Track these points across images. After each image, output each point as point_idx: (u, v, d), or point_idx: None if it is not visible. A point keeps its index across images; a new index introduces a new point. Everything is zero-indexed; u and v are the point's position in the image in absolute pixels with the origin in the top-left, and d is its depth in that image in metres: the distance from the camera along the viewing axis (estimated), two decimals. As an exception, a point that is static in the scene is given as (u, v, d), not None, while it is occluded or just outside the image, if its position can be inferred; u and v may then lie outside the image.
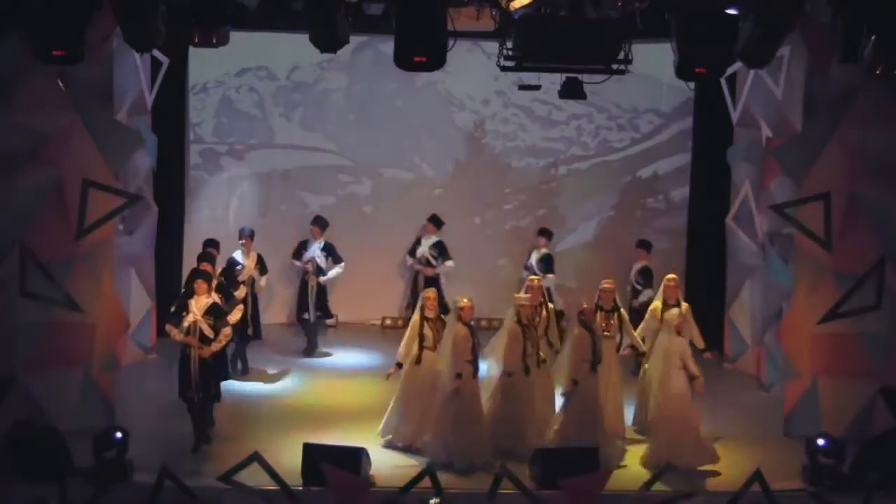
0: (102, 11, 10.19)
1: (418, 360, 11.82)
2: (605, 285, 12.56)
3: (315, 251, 15.18)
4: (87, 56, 10.18)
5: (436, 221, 15.92)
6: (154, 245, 14.80)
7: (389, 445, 11.86)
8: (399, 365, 11.94)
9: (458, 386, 11.40)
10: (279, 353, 15.24)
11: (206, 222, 16.42)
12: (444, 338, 11.69)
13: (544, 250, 15.60)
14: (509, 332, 11.82)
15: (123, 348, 13.18)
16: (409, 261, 16.02)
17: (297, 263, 15.28)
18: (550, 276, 15.23)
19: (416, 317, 11.97)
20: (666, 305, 12.34)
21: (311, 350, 15.26)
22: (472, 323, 11.72)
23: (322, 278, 15.13)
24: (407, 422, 11.87)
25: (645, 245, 15.24)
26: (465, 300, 11.73)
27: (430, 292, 12.09)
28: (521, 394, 11.77)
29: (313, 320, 15.20)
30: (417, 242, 15.96)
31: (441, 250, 15.78)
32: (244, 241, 14.36)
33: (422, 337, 11.82)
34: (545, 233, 15.77)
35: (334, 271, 15.21)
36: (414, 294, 15.59)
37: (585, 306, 11.85)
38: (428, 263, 15.76)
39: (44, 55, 10.05)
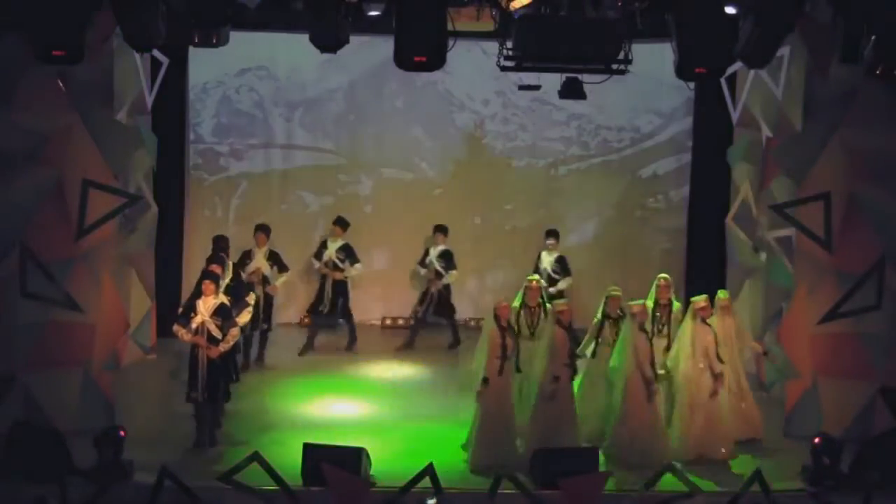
0: (102, 11, 10.19)
1: (501, 371, 11.44)
2: (614, 293, 12.43)
3: (260, 260, 14.68)
4: (87, 56, 10.18)
5: (342, 223, 15.48)
6: (154, 245, 14.78)
7: (486, 470, 11.15)
8: (486, 381, 11.40)
9: (556, 389, 11.37)
10: (279, 353, 15.26)
11: (206, 222, 16.43)
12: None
13: (442, 246, 15.51)
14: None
15: (123, 348, 13.18)
16: (316, 264, 15.52)
17: (243, 274, 14.39)
18: (453, 272, 15.38)
19: (491, 328, 11.50)
20: (658, 305, 12.39)
21: (248, 364, 14.59)
22: (572, 325, 11.60)
23: (268, 287, 14.65)
24: (502, 437, 11.49)
25: (555, 234, 15.60)
26: (563, 303, 11.68)
27: (505, 301, 11.77)
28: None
29: (259, 332, 14.69)
30: (324, 246, 15.45)
31: (348, 253, 15.34)
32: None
33: (504, 347, 11.43)
34: (442, 229, 15.60)
35: (281, 280, 14.81)
36: (320, 298, 15.39)
37: (704, 304, 11.83)
38: (335, 267, 15.29)
39: (44, 55, 10.05)
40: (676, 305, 12.51)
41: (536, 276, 12.68)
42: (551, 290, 14.88)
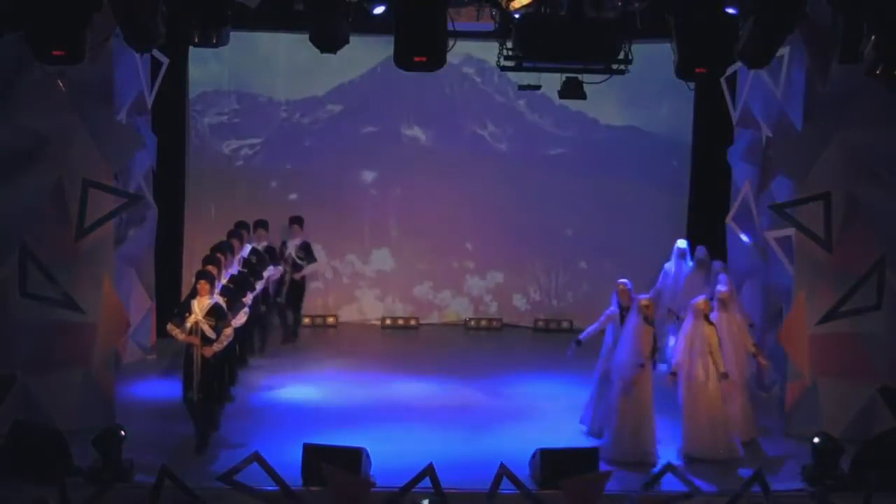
0: (102, 11, 10.18)
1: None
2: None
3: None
4: (87, 56, 10.17)
5: (246, 227, 15.20)
6: (154, 245, 14.79)
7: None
8: (674, 374, 11.74)
9: (636, 381, 11.52)
10: (279, 353, 15.27)
11: (205, 222, 16.44)
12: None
13: (265, 242, 15.34)
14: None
15: (123, 348, 13.19)
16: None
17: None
18: (313, 264, 15.60)
19: (702, 327, 11.69)
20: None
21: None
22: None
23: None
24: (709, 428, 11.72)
25: (298, 221, 15.81)
26: (647, 300, 11.76)
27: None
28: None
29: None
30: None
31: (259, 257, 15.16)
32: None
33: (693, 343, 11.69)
34: (262, 224, 15.41)
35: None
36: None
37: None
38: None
39: (44, 55, 10.03)
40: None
41: (625, 280, 12.47)
42: (295, 276, 15.46)
